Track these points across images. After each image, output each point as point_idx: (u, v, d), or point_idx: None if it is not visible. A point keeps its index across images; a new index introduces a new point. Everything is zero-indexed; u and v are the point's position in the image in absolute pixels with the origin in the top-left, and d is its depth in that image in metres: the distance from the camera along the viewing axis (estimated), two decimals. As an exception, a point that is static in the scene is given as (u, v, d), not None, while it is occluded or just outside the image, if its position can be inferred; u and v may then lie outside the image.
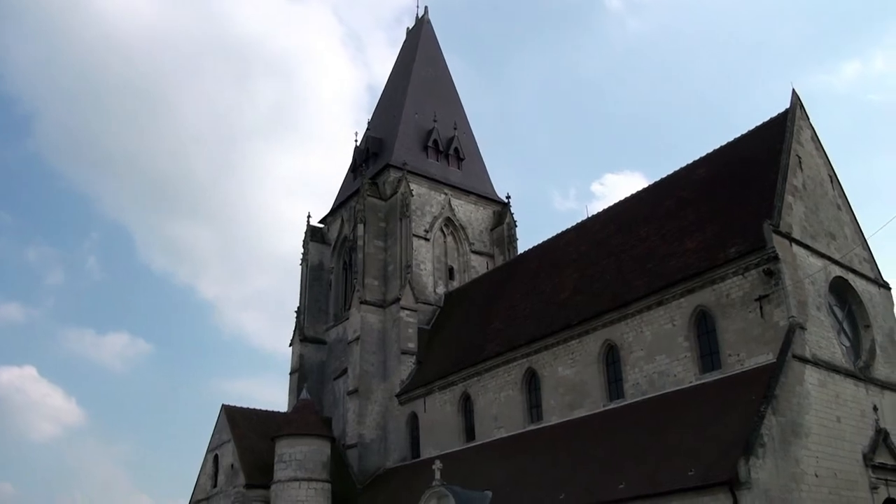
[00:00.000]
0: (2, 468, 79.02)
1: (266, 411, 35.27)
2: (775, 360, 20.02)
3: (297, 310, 41.04)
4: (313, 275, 41.58)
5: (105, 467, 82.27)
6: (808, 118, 25.36)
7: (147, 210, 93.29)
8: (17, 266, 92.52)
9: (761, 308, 21.20)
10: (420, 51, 46.84)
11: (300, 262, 42.21)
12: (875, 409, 21.95)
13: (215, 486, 33.42)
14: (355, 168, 43.30)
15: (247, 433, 32.94)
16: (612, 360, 25.47)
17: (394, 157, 39.94)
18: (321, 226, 43.44)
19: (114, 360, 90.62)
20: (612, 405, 24.83)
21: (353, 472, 33.59)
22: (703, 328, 22.94)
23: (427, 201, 39.88)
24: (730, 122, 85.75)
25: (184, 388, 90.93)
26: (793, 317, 20.52)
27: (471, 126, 45.95)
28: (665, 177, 29.24)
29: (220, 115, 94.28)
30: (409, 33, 50.56)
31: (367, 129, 44.53)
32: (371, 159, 42.26)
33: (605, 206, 31.97)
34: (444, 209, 40.36)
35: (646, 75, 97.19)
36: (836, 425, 20.45)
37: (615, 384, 25.14)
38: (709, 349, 22.64)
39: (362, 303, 36.29)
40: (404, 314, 35.71)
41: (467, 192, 41.77)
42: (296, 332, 40.41)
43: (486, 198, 42.61)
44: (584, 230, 31.78)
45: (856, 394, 21.72)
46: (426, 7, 49.77)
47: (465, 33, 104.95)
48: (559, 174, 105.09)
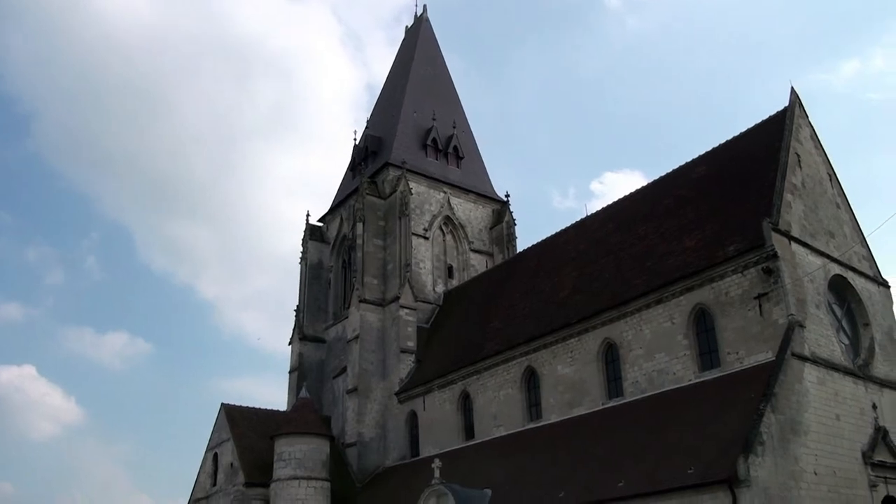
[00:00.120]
0: (1, 467, 79.12)
1: (265, 410, 35.26)
2: (774, 359, 20.03)
3: (296, 309, 41.05)
4: (312, 273, 41.58)
5: (104, 466, 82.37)
6: (807, 116, 25.36)
7: (147, 210, 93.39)
8: (17, 265, 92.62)
9: (760, 306, 21.21)
10: (419, 50, 46.84)
11: (299, 260, 42.22)
12: (874, 407, 21.97)
13: (215, 484, 33.41)
14: (354, 167, 43.27)
15: (246, 432, 32.93)
16: (611, 358, 25.48)
17: (393, 155, 39.93)
18: (320, 224, 43.42)
19: (113, 360, 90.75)
20: (612, 403, 24.84)
21: (353, 471, 33.60)
22: (703, 326, 22.95)
23: (426, 200, 39.88)
24: (729, 120, 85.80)
25: (183, 388, 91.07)
26: (792, 315, 20.53)
27: (470, 125, 46.00)
28: (664, 175, 29.24)
29: (219, 114, 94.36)
30: (408, 32, 50.56)
31: (366, 127, 44.53)
32: (370, 158, 42.25)
33: (605, 205, 32.04)
34: (443, 208, 40.36)
35: (645, 74, 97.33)
36: (835, 423, 20.46)
37: (614, 382, 25.15)
38: (708, 347, 22.65)
39: (361, 301, 36.30)
40: (403, 313, 35.71)
41: (466, 191, 41.77)
42: (295, 330, 40.41)
43: (486, 196, 42.62)
44: (583, 229, 31.77)
45: (855, 392, 21.74)
46: (425, 6, 49.87)
47: (464, 32, 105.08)
48: (558, 173, 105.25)
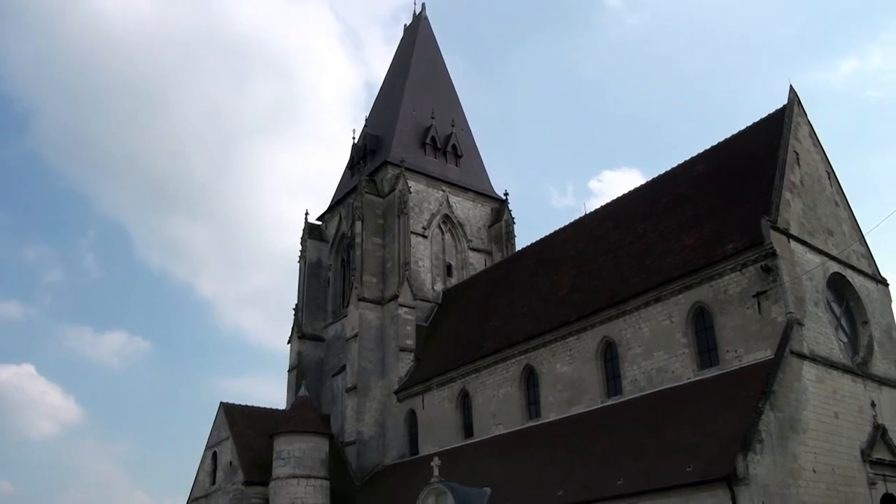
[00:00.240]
0: (0, 466, 79.08)
1: (264, 408, 35.23)
2: (773, 357, 20.03)
3: (295, 307, 41.03)
4: (311, 272, 41.56)
5: (104, 465, 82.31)
6: (806, 114, 25.35)
7: (145, 208, 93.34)
8: (15, 264, 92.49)
9: (759, 304, 21.21)
10: (417, 48, 46.80)
11: (298, 259, 42.20)
12: (873, 404, 21.97)
13: (214, 483, 33.39)
14: (353, 165, 43.22)
15: (245, 430, 32.91)
16: (610, 356, 25.49)
17: (391, 154, 39.91)
18: (319, 223, 43.38)
19: (112, 359, 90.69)
20: (611, 402, 24.85)
21: (352, 469, 33.60)
22: (701, 324, 22.95)
23: (425, 198, 39.86)
24: (727, 118, 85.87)
25: (182, 386, 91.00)
26: (791, 313, 20.53)
27: (468, 123, 45.97)
28: (663, 173, 29.23)
29: (218, 112, 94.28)
30: (407, 30, 50.49)
31: (365, 126, 44.52)
32: (369, 156, 42.22)
33: (603, 203, 32.02)
34: (442, 206, 40.34)
35: (644, 72, 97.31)
36: (833, 421, 20.47)
37: (613, 381, 25.17)
38: (707, 345, 22.65)
39: (360, 300, 36.29)
40: (402, 311, 35.70)
41: (465, 189, 41.76)
42: (294, 329, 40.38)
43: (484, 195, 42.61)
44: (581, 227, 31.77)
45: (854, 390, 21.75)
46: (423, 4, 49.80)
47: (463, 30, 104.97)
48: (557, 171, 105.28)
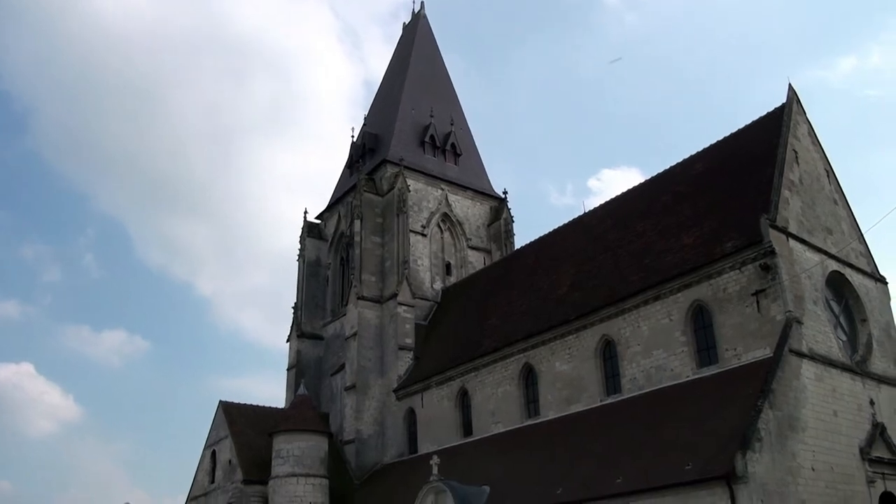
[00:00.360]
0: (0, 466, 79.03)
1: (263, 407, 35.24)
2: (772, 355, 20.03)
3: (294, 306, 41.03)
4: (310, 271, 41.55)
5: (103, 464, 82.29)
6: (805, 113, 25.36)
7: (144, 207, 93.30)
8: (14, 263, 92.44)
9: (758, 303, 21.21)
10: (416, 46, 46.76)
11: (297, 258, 42.20)
12: (872, 403, 21.99)
13: (213, 482, 33.40)
14: (352, 164, 43.20)
15: (244, 429, 32.91)
16: (609, 355, 25.49)
17: (390, 152, 39.88)
18: (318, 222, 43.37)
19: (111, 357, 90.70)
20: (610, 400, 24.85)
21: (351, 468, 33.61)
22: (700, 323, 22.95)
23: (424, 197, 39.85)
24: (727, 117, 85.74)
25: (181, 385, 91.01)
26: (789, 311, 20.54)
27: (467, 122, 45.96)
28: (662, 172, 29.23)
29: (217, 111, 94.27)
30: (406, 29, 50.46)
31: (364, 124, 44.47)
32: (368, 155, 42.19)
33: (602, 202, 32.02)
34: (441, 205, 40.34)
35: (643, 71, 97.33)
36: (832, 419, 20.48)
37: (612, 379, 25.16)
38: (706, 344, 22.64)
39: (359, 298, 36.28)
40: (401, 310, 35.70)
41: (464, 188, 41.76)
42: (293, 328, 40.37)
43: (483, 193, 42.61)
44: (580, 226, 31.76)
45: (852, 388, 21.76)
46: (422, 2, 49.72)
47: (462, 29, 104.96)
48: (556, 170, 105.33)
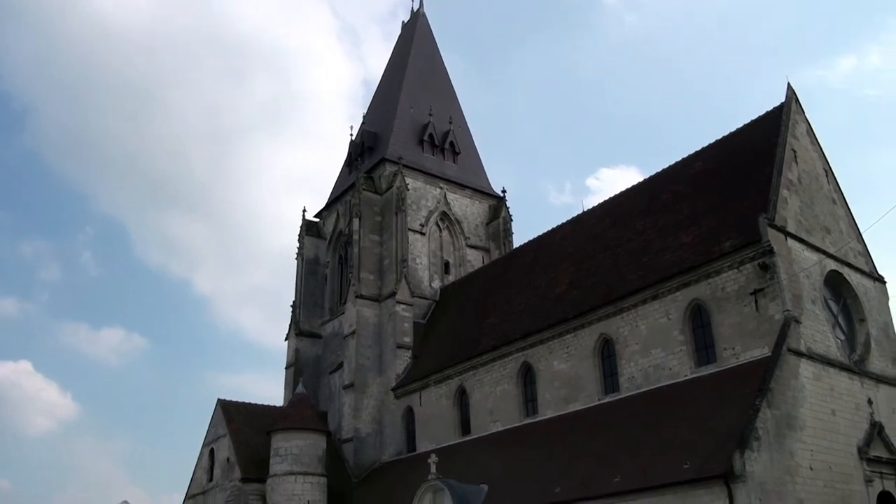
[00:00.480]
0: (-2, 464, 78.89)
1: (262, 405, 35.17)
2: (770, 354, 20.05)
3: (292, 304, 41.03)
4: (309, 269, 41.55)
5: (101, 462, 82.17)
6: (804, 112, 25.36)
7: (142, 205, 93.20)
8: (13, 261, 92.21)
9: (756, 302, 21.22)
10: (415, 45, 46.74)
11: (296, 256, 42.20)
12: (870, 402, 22.02)
13: (211, 480, 33.36)
14: (351, 162, 43.21)
15: (242, 427, 32.87)
16: (607, 353, 25.50)
17: (389, 151, 39.87)
18: (317, 220, 43.38)
19: (109, 355, 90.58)
20: (608, 399, 24.86)
21: (349, 466, 33.61)
22: (699, 322, 22.96)
23: (423, 195, 39.85)
24: (726, 117, 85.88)
25: (179, 383, 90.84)
26: (788, 310, 20.55)
27: (466, 120, 45.95)
28: (660, 171, 29.21)
29: (216, 110, 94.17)
30: (405, 27, 50.42)
31: (363, 123, 44.41)
32: (366, 153, 42.18)
33: (601, 201, 32.01)
34: (439, 203, 40.34)
35: (642, 70, 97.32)
36: (830, 418, 20.50)
37: (610, 378, 25.18)
38: (704, 343, 22.66)
39: (358, 297, 36.28)
40: (400, 308, 35.71)
41: (463, 187, 41.76)
42: (291, 326, 40.37)
43: (482, 192, 42.62)
44: (579, 224, 31.77)
45: (850, 387, 21.78)
46: (421, 1, 49.67)
47: (462, 29, 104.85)
48: (554, 169, 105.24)
